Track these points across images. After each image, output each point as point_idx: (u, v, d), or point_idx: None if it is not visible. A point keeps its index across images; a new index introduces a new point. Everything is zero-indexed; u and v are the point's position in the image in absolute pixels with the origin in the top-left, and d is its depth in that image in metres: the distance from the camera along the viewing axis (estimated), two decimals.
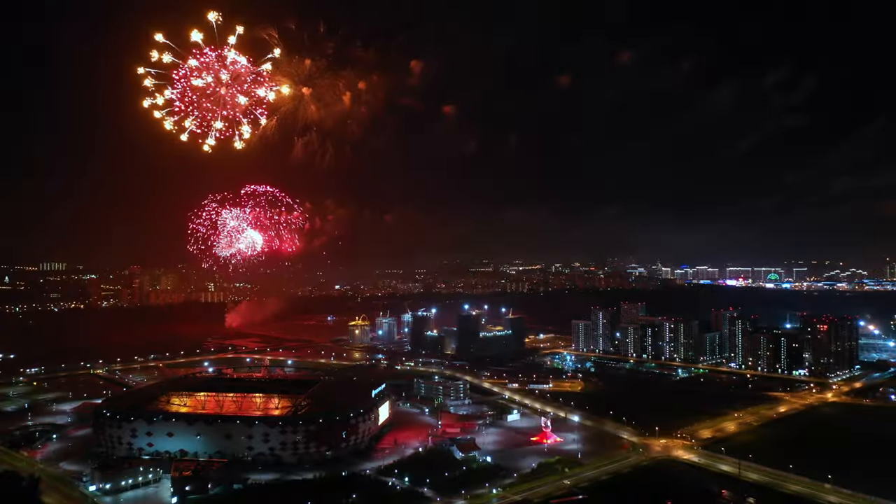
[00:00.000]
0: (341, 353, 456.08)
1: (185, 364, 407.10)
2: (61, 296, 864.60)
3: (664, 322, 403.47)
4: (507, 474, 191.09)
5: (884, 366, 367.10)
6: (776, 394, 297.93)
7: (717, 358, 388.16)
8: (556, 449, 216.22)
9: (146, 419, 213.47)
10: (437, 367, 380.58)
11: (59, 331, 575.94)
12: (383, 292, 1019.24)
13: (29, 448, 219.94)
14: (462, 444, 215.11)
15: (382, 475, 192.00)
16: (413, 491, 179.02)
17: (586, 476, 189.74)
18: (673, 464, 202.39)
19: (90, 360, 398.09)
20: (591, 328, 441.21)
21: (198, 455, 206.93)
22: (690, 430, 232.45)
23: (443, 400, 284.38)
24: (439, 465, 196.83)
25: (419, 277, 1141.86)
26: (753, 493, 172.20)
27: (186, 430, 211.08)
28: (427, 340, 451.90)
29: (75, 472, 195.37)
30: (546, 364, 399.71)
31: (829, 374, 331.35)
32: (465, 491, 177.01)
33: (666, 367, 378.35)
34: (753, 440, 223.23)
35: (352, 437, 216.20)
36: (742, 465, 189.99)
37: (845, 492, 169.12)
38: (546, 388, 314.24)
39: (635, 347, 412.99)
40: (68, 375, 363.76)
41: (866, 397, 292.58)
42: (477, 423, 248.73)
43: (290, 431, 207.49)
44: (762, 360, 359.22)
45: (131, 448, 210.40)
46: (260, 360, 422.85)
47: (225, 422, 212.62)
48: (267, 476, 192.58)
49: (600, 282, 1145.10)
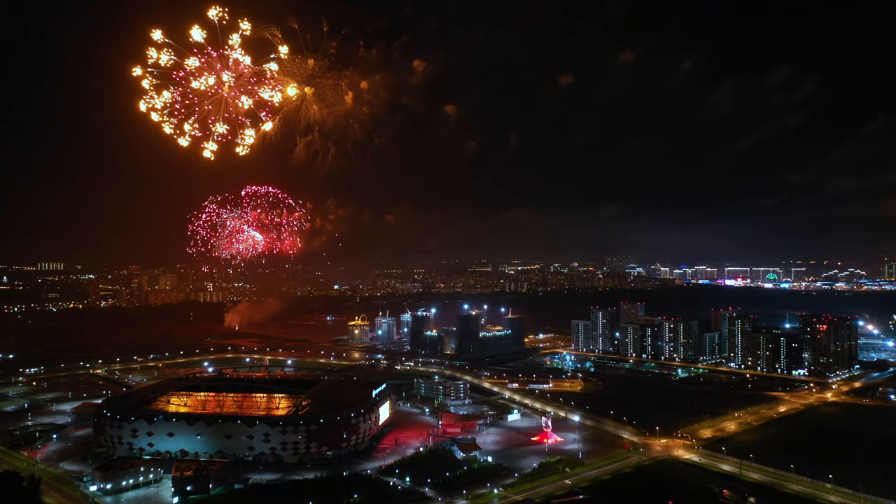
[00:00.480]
0: (341, 353, 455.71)
1: (184, 364, 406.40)
2: (59, 296, 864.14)
3: (664, 322, 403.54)
4: (508, 474, 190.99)
5: (883, 365, 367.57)
6: (776, 393, 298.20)
7: (717, 358, 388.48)
8: (557, 449, 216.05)
9: (147, 419, 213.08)
10: (437, 367, 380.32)
11: (57, 331, 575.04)
12: (382, 292, 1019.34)
13: (29, 448, 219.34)
14: (463, 443, 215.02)
15: (383, 475, 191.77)
16: (414, 491, 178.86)
17: (587, 476, 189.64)
18: (674, 463, 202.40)
19: (89, 360, 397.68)
20: (591, 328, 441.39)
21: (198, 455, 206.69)
22: (691, 430, 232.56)
23: (443, 400, 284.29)
24: (440, 465, 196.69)
25: (418, 277, 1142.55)
26: (755, 493, 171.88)
27: (187, 431, 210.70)
28: (426, 340, 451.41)
29: (76, 472, 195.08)
30: (546, 364, 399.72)
31: (828, 374, 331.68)
32: (466, 491, 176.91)
33: (665, 367, 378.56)
34: (754, 440, 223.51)
35: (353, 437, 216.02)
36: (743, 464, 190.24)
37: (846, 491, 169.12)
38: (546, 387, 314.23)
39: (635, 347, 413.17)
40: (68, 375, 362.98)
41: (866, 397, 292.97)
42: (477, 422, 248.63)
43: (290, 431, 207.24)
44: (762, 359, 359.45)
45: (132, 448, 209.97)
46: (259, 359, 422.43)
47: (226, 422, 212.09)
48: (268, 476, 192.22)
49: (599, 282, 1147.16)
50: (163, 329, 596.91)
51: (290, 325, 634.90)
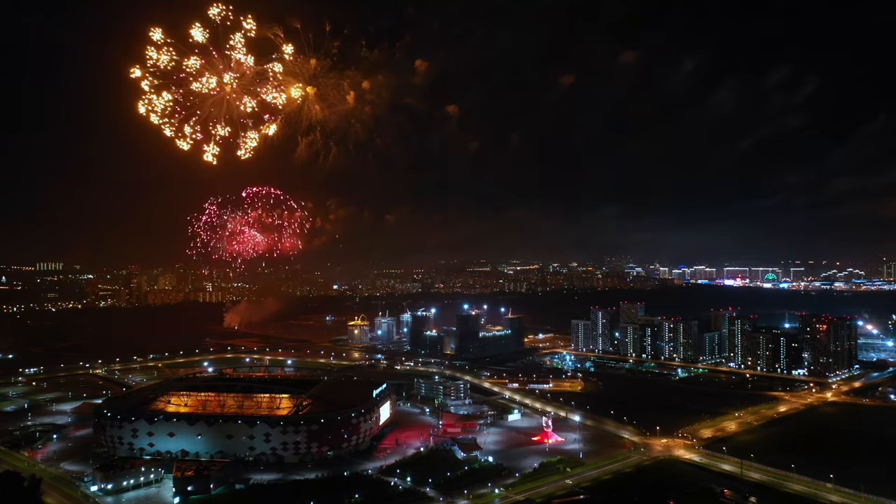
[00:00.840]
0: (340, 353, 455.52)
1: (184, 364, 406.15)
2: (58, 296, 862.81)
3: (663, 322, 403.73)
4: (508, 474, 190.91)
5: (882, 365, 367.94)
6: (776, 393, 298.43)
7: (717, 358, 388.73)
8: (558, 448, 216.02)
9: (147, 419, 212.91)
10: (437, 367, 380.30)
11: (57, 331, 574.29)
12: (381, 292, 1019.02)
13: (29, 448, 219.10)
14: (464, 443, 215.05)
15: (384, 475, 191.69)
16: (415, 491, 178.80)
17: (588, 476, 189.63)
18: (674, 463, 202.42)
19: (89, 360, 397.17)
20: (591, 328, 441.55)
21: (199, 455, 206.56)
22: (691, 430, 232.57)
23: (443, 400, 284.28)
24: (441, 465, 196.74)
25: (417, 277, 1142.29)
26: (756, 493, 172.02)
27: (188, 431, 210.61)
28: (426, 340, 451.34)
29: (76, 472, 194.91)
30: (545, 364, 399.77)
31: (828, 374, 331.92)
32: (467, 491, 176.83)
33: (665, 367, 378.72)
34: (754, 440, 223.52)
35: (353, 437, 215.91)
36: (744, 464, 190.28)
37: (848, 491, 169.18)
38: (546, 387, 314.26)
39: (634, 347, 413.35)
40: (67, 375, 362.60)
41: (866, 397, 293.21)
42: (478, 422, 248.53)
43: (291, 431, 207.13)
44: (761, 359, 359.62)
45: (132, 448, 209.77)
46: (259, 359, 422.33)
47: (226, 422, 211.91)
48: (268, 476, 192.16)
49: (598, 282, 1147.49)
50: (162, 329, 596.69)
51: (290, 326, 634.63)
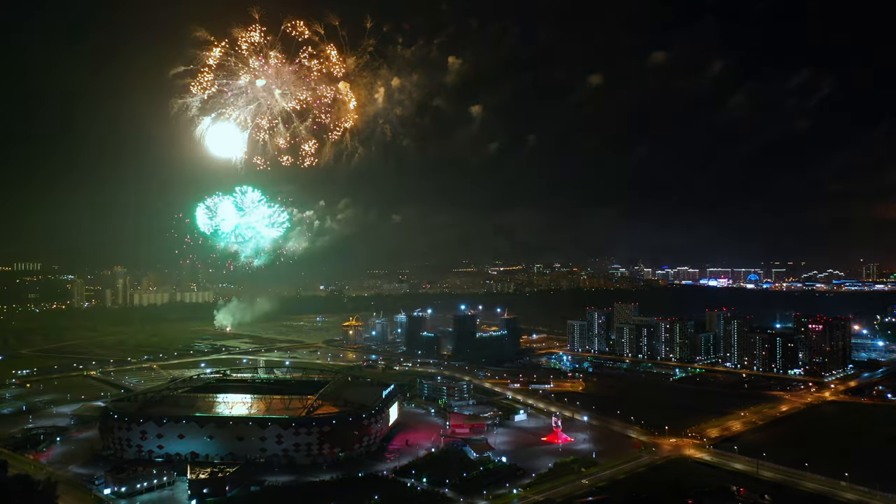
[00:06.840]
0: (336, 353, 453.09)
1: (179, 365, 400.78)
2: (39, 296, 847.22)
3: (659, 322, 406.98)
4: (524, 474, 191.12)
5: (874, 365, 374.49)
6: (776, 393, 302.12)
7: (713, 357, 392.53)
8: (570, 449, 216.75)
9: (156, 421, 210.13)
10: (436, 368, 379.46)
11: (44, 332, 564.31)
12: (369, 293, 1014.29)
13: (34, 451, 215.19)
14: (475, 444, 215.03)
15: (399, 476, 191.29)
16: (433, 492, 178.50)
17: (603, 475, 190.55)
18: (686, 463, 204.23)
19: (82, 361, 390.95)
20: (587, 328, 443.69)
21: (210, 457, 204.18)
22: (698, 429, 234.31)
23: (447, 400, 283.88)
24: (455, 466, 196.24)
25: (402, 278, 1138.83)
26: (771, 491, 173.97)
27: (198, 432, 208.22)
28: (423, 341, 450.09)
29: (86, 474, 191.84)
30: (543, 364, 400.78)
31: (823, 374, 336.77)
32: (486, 492, 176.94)
33: (662, 367, 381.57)
34: (761, 438, 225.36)
35: (365, 438, 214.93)
36: (758, 463, 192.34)
37: (862, 489, 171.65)
38: (547, 388, 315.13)
39: (631, 348, 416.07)
40: (61, 377, 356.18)
41: (863, 396, 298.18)
42: (486, 423, 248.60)
43: (304, 433, 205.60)
44: (758, 359, 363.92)
45: (141, 451, 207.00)
46: (255, 360, 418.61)
47: (237, 423, 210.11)
48: (282, 478, 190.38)
49: (584, 282, 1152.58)
50: (151, 330, 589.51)
51: (281, 326, 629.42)
